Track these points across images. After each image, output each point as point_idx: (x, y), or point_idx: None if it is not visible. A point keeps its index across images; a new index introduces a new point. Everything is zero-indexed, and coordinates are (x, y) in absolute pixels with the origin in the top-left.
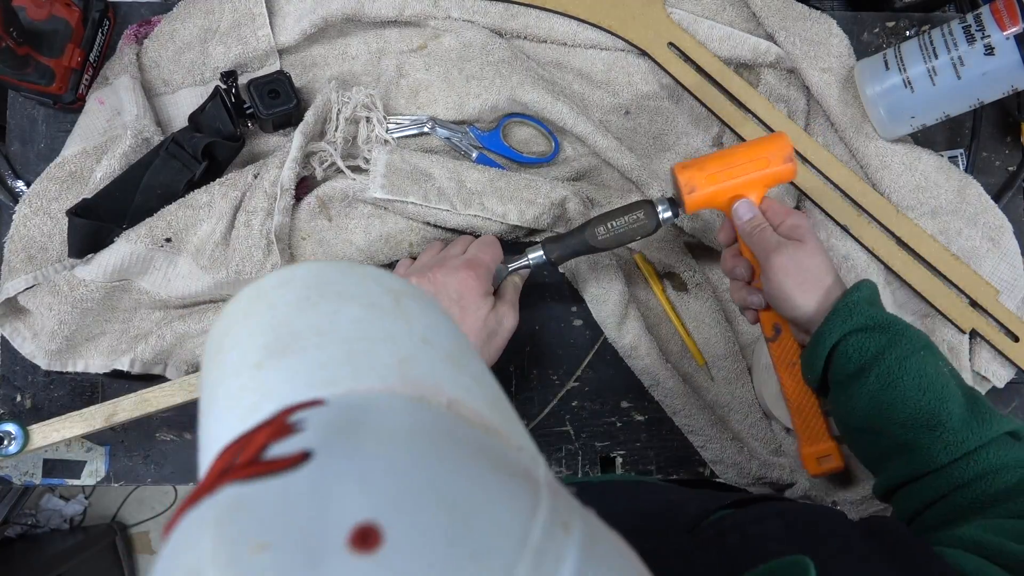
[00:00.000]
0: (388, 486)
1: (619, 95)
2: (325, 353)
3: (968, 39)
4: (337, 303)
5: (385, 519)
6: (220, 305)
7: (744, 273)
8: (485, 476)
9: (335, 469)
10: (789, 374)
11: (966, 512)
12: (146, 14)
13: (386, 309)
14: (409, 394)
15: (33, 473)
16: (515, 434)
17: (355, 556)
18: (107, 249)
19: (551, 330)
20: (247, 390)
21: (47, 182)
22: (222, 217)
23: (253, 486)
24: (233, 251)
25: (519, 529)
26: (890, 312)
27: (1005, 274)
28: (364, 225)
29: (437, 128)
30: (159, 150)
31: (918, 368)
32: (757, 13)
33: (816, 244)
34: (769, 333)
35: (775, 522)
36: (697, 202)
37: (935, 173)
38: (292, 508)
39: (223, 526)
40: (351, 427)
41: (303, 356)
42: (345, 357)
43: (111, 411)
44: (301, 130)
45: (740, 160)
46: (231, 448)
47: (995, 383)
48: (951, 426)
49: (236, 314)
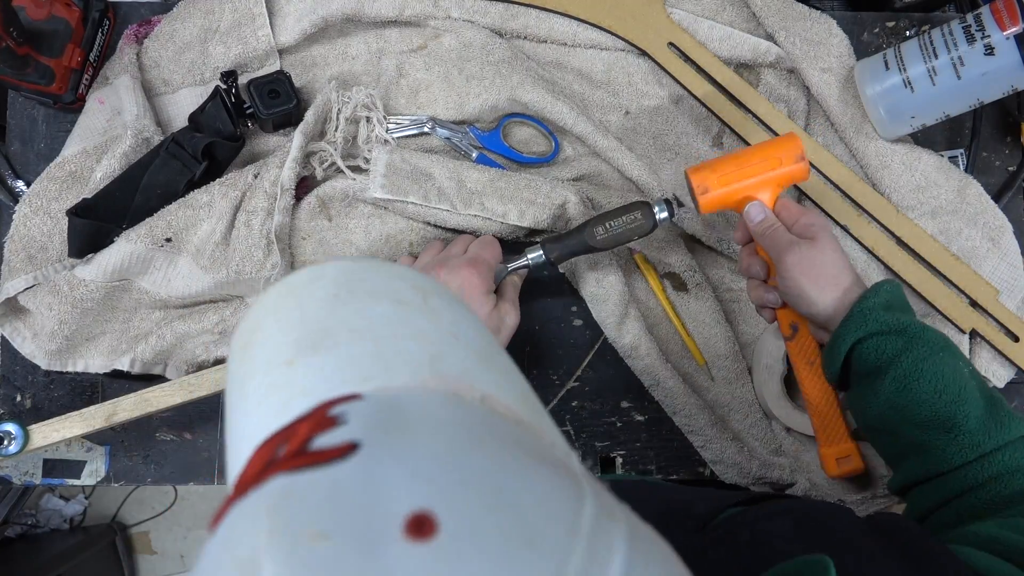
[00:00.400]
0: (438, 475)
1: (619, 95)
2: (357, 349)
3: (968, 39)
4: (367, 300)
5: (438, 508)
6: (220, 305)
7: (760, 272)
8: (529, 467)
9: (384, 459)
10: (808, 373)
11: (981, 512)
12: (146, 14)
13: (415, 306)
14: (443, 389)
15: (33, 473)
16: (547, 429)
17: (412, 544)
18: (107, 249)
19: (551, 330)
20: (278, 387)
21: (47, 182)
22: (222, 217)
23: (303, 476)
24: (233, 251)
25: (570, 516)
26: (908, 316)
27: (1005, 274)
28: (364, 225)
29: (437, 128)
30: (159, 150)
31: (935, 371)
32: (757, 13)
33: (830, 241)
34: (787, 332)
35: (784, 520)
36: (711, 203)
37: (935, 173)
38: (345, 497)
39: (277, 516)
40: (394, 420)
41: (335, 353)
42: (377, 353)
43: (111, 411)
44: (301, 130)
45: (752, 161)
46: (271, 441)
47: (995, 383)
48: (967, 428)
49: (265, 311)
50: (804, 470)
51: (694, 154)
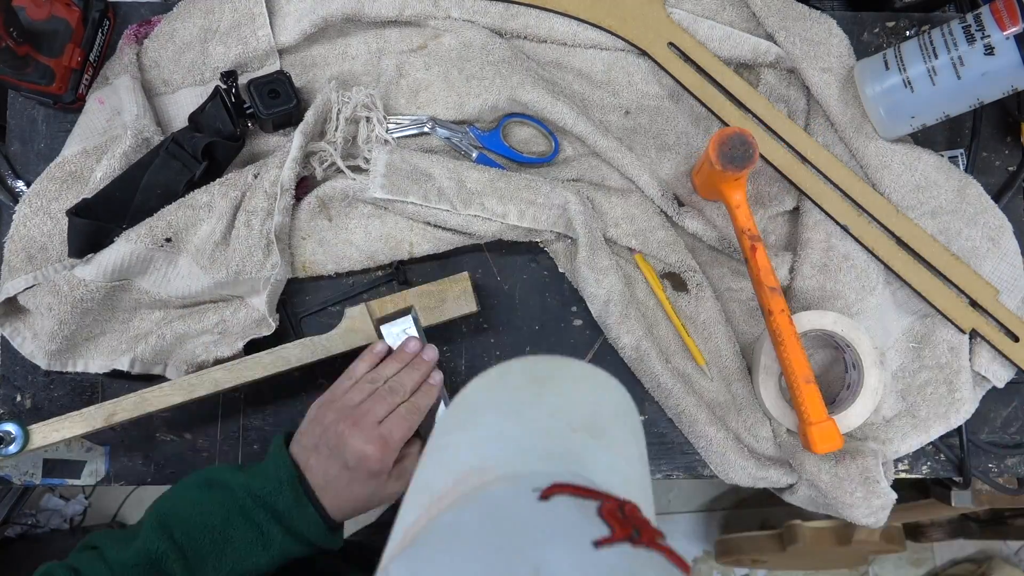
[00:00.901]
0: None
1: (619, 95)
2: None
3: (968, 39)
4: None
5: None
6: (220, 305)
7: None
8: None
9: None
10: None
11: None
12: (146, 14)
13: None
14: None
15: (33, 473)
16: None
17: None
18: (107, 249)
19: (551, 330)
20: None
21: (47, 182)
22: (222, 217)
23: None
24: (233, 251)
25: None
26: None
27: (1005, 274)
28: (364, 225)
29: (437, 128)
30: (159, 150)
31: None
32: (757, 13)
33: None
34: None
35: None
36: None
37: (935, 173)
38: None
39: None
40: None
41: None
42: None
43: (111, 411)
44: (301, 130)
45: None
46: (614, 509)
47: (995, 383)
48: None
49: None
50: (804, 472)
51: (694, 154)
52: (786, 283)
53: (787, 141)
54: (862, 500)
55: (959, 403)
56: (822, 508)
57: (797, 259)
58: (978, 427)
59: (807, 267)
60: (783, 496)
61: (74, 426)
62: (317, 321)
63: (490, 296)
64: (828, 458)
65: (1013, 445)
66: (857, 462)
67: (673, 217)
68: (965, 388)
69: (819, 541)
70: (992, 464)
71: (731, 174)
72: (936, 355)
